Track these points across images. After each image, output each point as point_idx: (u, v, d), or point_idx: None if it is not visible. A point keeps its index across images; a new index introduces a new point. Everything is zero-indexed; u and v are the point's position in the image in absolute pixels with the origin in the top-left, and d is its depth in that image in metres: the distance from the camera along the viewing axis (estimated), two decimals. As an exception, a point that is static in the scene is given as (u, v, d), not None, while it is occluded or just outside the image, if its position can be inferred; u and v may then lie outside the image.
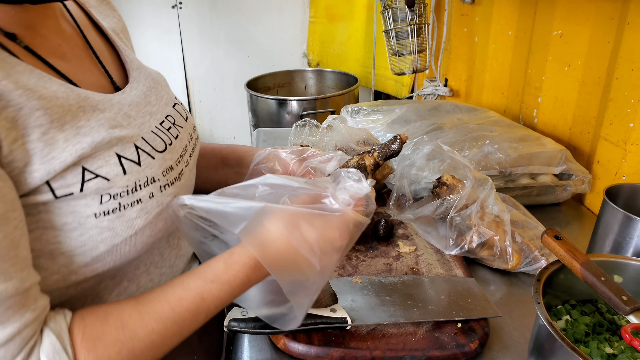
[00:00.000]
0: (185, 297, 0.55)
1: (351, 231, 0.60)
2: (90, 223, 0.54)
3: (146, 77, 0.71)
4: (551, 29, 1.26)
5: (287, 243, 0.56)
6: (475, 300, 0.77)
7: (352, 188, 0.61)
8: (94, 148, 0.54)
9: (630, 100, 1.01)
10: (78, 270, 0.55)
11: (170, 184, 0.63)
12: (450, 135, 1.20)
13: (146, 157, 0.60)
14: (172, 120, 0.70)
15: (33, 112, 0.50)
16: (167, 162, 0.63)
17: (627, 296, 0.59)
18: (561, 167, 1.12)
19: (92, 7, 0.74)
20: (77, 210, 0.53)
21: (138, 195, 0.57)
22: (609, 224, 0.83)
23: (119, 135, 0.57)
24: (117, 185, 0.55)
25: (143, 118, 0.64)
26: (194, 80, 2.87)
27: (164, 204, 0.61)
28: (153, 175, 0.60)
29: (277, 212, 0.57)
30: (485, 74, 1.64)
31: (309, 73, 2.55)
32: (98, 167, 0.54)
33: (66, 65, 0.60)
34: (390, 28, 1.74)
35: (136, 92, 0.67)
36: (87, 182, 0.53)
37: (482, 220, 0.88)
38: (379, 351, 0.67)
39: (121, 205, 0.56)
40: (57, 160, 0.51)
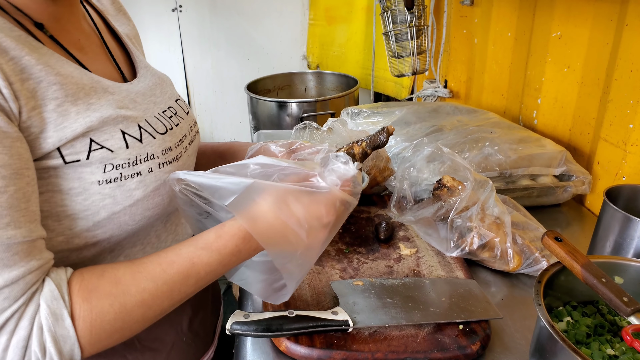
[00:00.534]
0: (177, 260, 0.58)
1: (338, 209, 0.63)
2: (93, 189, 0.59)
3: (153, 74, 0.79)
4: (550, 30, 1.27)
5: (276, 217, 0.60)
6: (477, 302, 0.77)
7: (340, 169, 0.64)
8: (102, 122, 0.60)
9: (629, 101, 1.01)
10: (81, 233, 0.61)
11: (169, 162, 0.68)
12: (451, 137, 1.20)
13: (148, 136, 0.65)
14: (174, 111, 0.76)
15: (50, 86, 0.56)
16: (167, 143, 0.69)
17: (628, 297, 0.59)
18: (561, 168, 1.12)
19: (110, 15, 0.84)
20: (82, 177, 0.58)
21: (138, 168, 0.63)
22: (609, 225, 0.84)
23: (125, 114, 0.63)
24: (119, 157, 0.61)
25: (147, 105, 0.70)
26: (194, 83, 2.87)
27: (161, 179, 0.66)
28: (153, 152, 0.65)
29: (267, 188, 0.61)
30: (484, 76, 1.65)
31: (309, 75, 2.55)
32: (104, 140, 0.60)
33: (84, 56, 0.68)
34: (389, 30, 1.74)
35: (143, 84, 0.73)
36: (93, 152, 0.58)
37: (483, 222, 0.88)
38: (381, 353, 0.67)
39: (122, 176, 0.61)
40: (69, 129, 0.57)
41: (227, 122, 3.02)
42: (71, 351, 0.53)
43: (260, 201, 0.60)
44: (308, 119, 1.83)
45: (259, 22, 2.79)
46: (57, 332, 0.52)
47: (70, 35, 0.68)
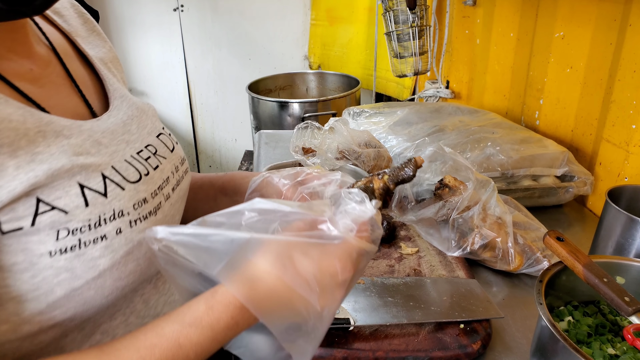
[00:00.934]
0: (158, 344, 0.45)
1: (355, 261, 0.51)
2: (44, 263, 0.47)
3: (130, 105, 0.66)
4: (553, 30, 1.27)
5: (278, 279, 0.47)
6: (478, 301, 0.77)
7: (354, 211, 0.52)
8: (51, 176, 0.48)
9: (632, 101, 1.01)
10: (31, 318, 0.48)
11: (143, 218, 0.56)
12: (452, 137, 1.20)
13: (114, 188, 0.53)
14: (153, 150, 0.64)
15: None
16: (140, 193, 0.56)
17: (629, 297, 0.59)
18: (563, 169, 1.12)
19: (80, 37, 0.69)
20: (28, 248, 0.46)
21: (102, 231, 0.51)
22: (611, 225, 0.83)
23: (84, 162, 0.51)
24: (76, 218, 0.49)
25: (117, 146, 0.58)
26: (195, 83, 2.87)
27: (134, 241, 0.54)
28: (121, 208, 0.53)
29: (266, 243, 0.49)
30: (486, 76, 1.64)
31: (311, 75, 2.55)
32: (55, 198, 0.48)
33: (37, 90, 0.56)
34: (391, 30, 1.74)
35: (114, 119, 0.61)
36: (41, 215, 0.47)
37: (484, 222, 0.88)
38: (382, 352, 0.67)
39: (81, 242, 0.49)
40: (4, 189, 0.45)
41: (228, 122, 3.02)
42: None
43: (257, 261, 0.48)
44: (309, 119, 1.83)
45: (261, 22, 2.80)
46: None
47: (17, 64, 0.56)
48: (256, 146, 1.61)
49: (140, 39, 2.73)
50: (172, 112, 2.94)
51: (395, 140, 1.26)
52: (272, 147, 1.55)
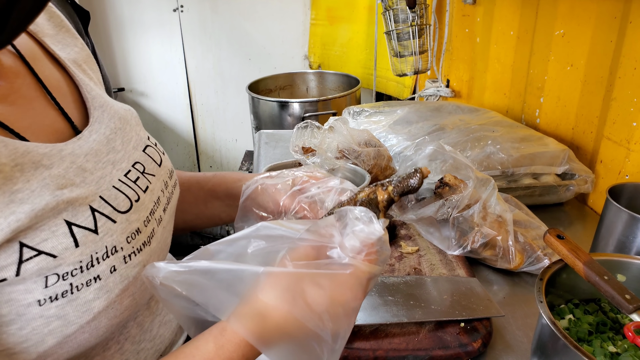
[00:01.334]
0: None
1: (365, 287, 0.49)
2: (32, 313, 0.43)
3: (111, 116, 0.59)
4: (553, 28, 1.26)
5: (288, 315, 0.45)
6: (478, 300, 0.77)
7: (363, 233, 0.50)
8: (35, 218, 0.43)
9: (633, 99, 1.01)
10: None
11: (138, 251, 0.52)
12: (452, 135, 1.20)
13: (105, 222, 0.49)
14: (142, 168, 0.59)
15: None
16: (133, 224, 0.52)
17: (630, 295, 0.59)
18: (564, 167, 1.12)
19: (48, 36, 0.60)
20: (14, 299, 0.42)
21: (95, 272, 0.46)
22: (612, 223, 0.83)
23: (69, 197, 0.46)
24: (66, 262, 0.44)
25: (103, 170, 0.53)
26: (195, 84, 2.87)
27: (129, 277, 0.50)
28: (114, 243, 0.49)
29: (274, 275, 0.46)
30: (487, 75, 1.64)
31: (311, 75, 2.55)
32: (41, 241, 0.43)
33: (8, 108, 0.49)
34: (391, 29, 1.74)
35: (97, 136, 0.55)
36: (26, 263, 0.42)
37: (485, 220, 0.88)
38: (382, 351, 0.67)
39: (73, 287, 0.45)
40: None
41: (228, 122, 3.02)
42: None
43: (265, 294, 0.45)
44: (310, 119, 1.83)
45: (261, 22, 2.80)
46: None
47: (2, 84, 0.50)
48: (256, 146, 1.61)
49: (140, 39, 2.73)
50: (173, 112, 2.94)
51: (395, 139, 1.26)
52: (272, 146, 1.55)
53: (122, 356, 0.56)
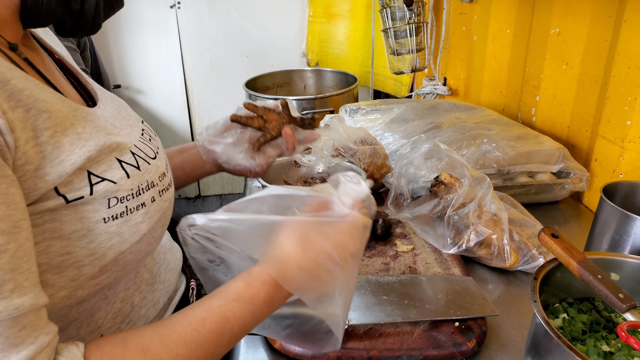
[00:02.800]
0: (208, 317, 0.51)
1: (362, 234, 0.60)
2: (99, 229, 0.52)
3: (110, 96, 0.70)
4: (549, 27, 1.26)
5: (305, 257, 0.55)
6: (473, 299, 0.77)
7: (354, 191, 0.61)
8: (99, 151, 0.53)
9: (627, 98, 1.01)
10: (85, 283, 0.53)
11: (166, 189, 0.62)
12: (449, 134, 1.20)
13: (143, 163, 0.59)
14: (149, 134, 0.70)
15: (40, 114, 0.48)
16: (160, 168, 0.63)
17: (623, 294, 0.59)
18: (559, 165, 1.12)
19: (42, 36, 0.71)
20: (85, 216, 0.51)
21: (142, 199, 0.57)
22: (606, 221, 0.83)
23: (116, 141, 0.57)
24: (123, 188, 0.54)
25: (127, 129, 0.63)
26: (192, 81, 2.86)
27: (163, 208, 0.61)
28: (152, 179, 0.60)
29: (289, 225, 0.57)
30: (483, 73, 1.64)
31: (308, 73, 2.55)
32: (103, 171, 0.53)
33: (52, 79, 0.59)
34: (388, 27, 1.74)
35: (109, 108, 0.65)
36: (96, 185, 0.52)
37: (480, 218, 0.88)
38: (376, 351, 0.67)
39: (128, 209, 0.55)
40: (68, 162, 0.49)
41: (226, 119, 3.01)
42: None
43: (284, 241, 0.56)
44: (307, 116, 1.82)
45: (258, 19, 2.79)
46: None
47: (37, 56, 0.60)
48: (253, 144, 1.61)
49: (137, 36, 2.72)
50: (170, 109, 2.93)
51: (391, 137, 1.26)
52: (269, 144, 1.54)
53: (140, 294, 0.67)
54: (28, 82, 0.49)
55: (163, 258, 0.73)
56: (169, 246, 0.78)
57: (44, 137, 0.48)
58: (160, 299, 0.71)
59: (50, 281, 0.50)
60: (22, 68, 0.51)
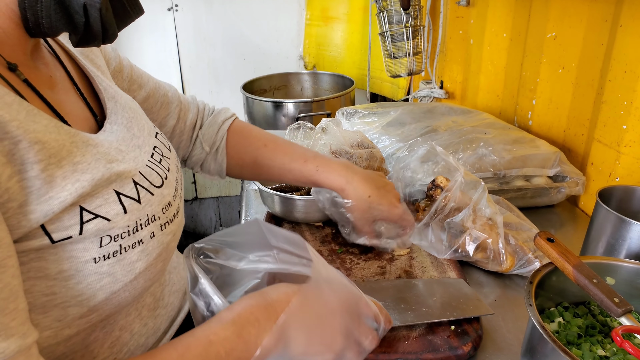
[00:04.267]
0: (193, 342, 0.50)
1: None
2: (89, 269, 0.49)
3: (123, 107, 0.65)
4: (545, 31, 1.27)
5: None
6: (467, 300, 0.77)
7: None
8: (94, 186, 0.49)
9: (623, 102, 1.01)
10: (72, 323, 0.50)
11: (170, 221, 0.59)
12: (445, 137, 1.20)
13: (145, 194, 0.56)
14: (160, 152, 0.66)
15: (32, 146, 0.45)
16: (166, 197, 0.60)
17: (619, 298, 0.59)
18: (555, 169, 1.12)
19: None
20: (74, 256, 0.48)
21: (139, 236, 0.53)
22: (602, 226, 0.83)
23: (118, 170, 0.53)
24: (117, 225, 0.51)
25: (134, 152, 0.60)
26: (190, 83, 2.86)
27: (164, 243, 0.58)
28: (153, 213, 0.56)
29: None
30: (480, 76, 1.65)
31: (305, 75, 2.55)
32: (97, 207, 0.50)
33: (55, 97, 0.57)
34: (385, 30, 1.74)
35: (118, 126, 0.61)
36: (87, 224, 0.48)
37: (475, 223, 0.88)
38: (372, 354, 0.67)
39: (122, 248, 0.51)
40: (56, 200, 0.46)
41: (223, 122, 3.01)
42: None
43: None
44: (304, 120, 1.82)
45: (256, 22, 2.79)
46: None
47: (41, 73, 0.57)
48: (250, 147, 1.60)
49: (134, 38, 2.72)
50: (167, 112, 2.93)
51: (388, 141, 1.26)
52: (266, 147, 1.54)
53: (142, 320, 0.64)
54: (20, 111, 0.46)
55: (168, 279, 0.70)
56: (175, 264, 0.75)
57: (34, 172, 0.45)
58: (162, 325, 0.68)
59: (34, 321, 0.47)
60: (18, 92, 0.49)
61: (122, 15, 0.57)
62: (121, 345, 0.60)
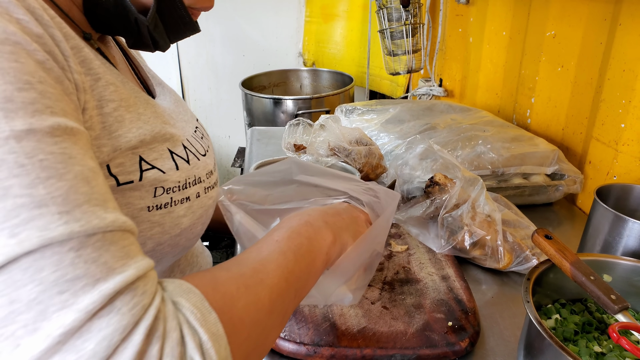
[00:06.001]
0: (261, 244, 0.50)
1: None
2: (143, 216, 0.52)
3: (169, 92, 0.72)
4: (544, 29, 1.27)
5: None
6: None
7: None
8: (153, 137, 0.53)
9: (621, 100, 1.01)
10: None
11: (211, 187, 0.63)
12: (444, 135, 1.20)
13: (193, 157, 0.60)
14: (201, 132, 0.71)
15: (108, 85, 0.49)
16: (209, 165, 0.64)
17: (615, 295, 0.59)
18: (553, 167, 1.12)
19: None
20: (131, 202, 0.51)
21: (187, 193, 0.57)
22: (599, 223, 0.84)
23: (170, 131, 0.57)
24: (171, 179, 0.54)
25: (182, 123, 0.65)
26: (189, 79, 2.86)
27: (206, 205, 0.61)
28: (199, 175, 0.60)
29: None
30: (479, 74, 1.65)
31: (304, 72, 2.55)
32: (154, 159, 0.53)
33: (120, 70, 0.61)
34: (385, 28, 1.74)
35: (167, 102, 0.66)
36: (146, 172, 0.52)
37: (474, 220, 0.88)
38: (370, 349, 0.67)
39: (172, 201, 0.55)
40: (124, 139, 0.49)
41: (221, 118, 3.01)
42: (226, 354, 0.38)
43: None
44: (303, 116, 1.83)
45: (255, 18, 2.79)
46: (209, 330, 0.37)
47: (108, 51, 0.63)
48: (248, 143, 1.61)
49: (133, 34, 2.72)
50: (165, 108, 2.93)
51: (387, 138, 1.26)
52: (265, 143, 1.55)
53: None
54: (96, 58, 0.50)
55: (195, 261, 0.73)
56: (201, 249, 0.77)
57: (108, 109, 0.48)
58: None
59: None
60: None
61: (174, 30, 0.61)
62: None
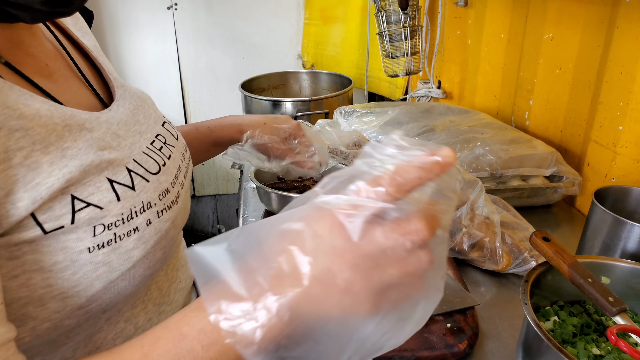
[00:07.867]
0: (162, 335, 0.41)
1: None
2: (83, 259, 0.48)
3: (132, 95, 0.67)
4: (542, 32, 1.27)
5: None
6: (453, 292, 0.78)
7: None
8: (84, 171, 0.49)
9: (619, 103, 1.02)
10: (72, 314, 0.49)
11: (168, 208, 0.58)
12: (442, 137, 1.20)
13: (140, 181, 0.55)
14: (163, 139, 0.66)
15: (12, 134, 0.44)
16: (163, 184, 0.59)
17: (613, 297, 0.60)
18: (552, 169, 1.13)
19: (70, 25, 0.69)
20: (68, 246, 0.47)
21: (134, 224, 0.52)
22: (597, 225, 0.84)
23: (109, 158, 0.52)
24: (111, 213, 0.50)
25: (133, 138, 0.59)
26: (188, 82, 2.86)
27: (162, 230, 0.56)
28: (149, 199, 0.55)
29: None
30: (478, 77, 1.65)
31: (304, 74, 2.55)
32: (89, 195, 0.49)
33: (53, 85, 0.56)
34: (383, 30, 1.74)
35: (123, 109, 0.62)
36: (78, 212, 0.47)
37: (472, 221, 0.89)
38: (369, 352, 0.68)
39: (117, 236, 0.50)
40: (43, 186, 0.45)
41: (221, 120, 3.01)
42: None
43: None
44: (302, 118, 1.83)
45: (255, 20, 2.79)
46: None
47: (35, 60, 0.56)
48: (248, 145, 1.61)
49: (133, 37, 2.72)
50: (165, 110, 2.93)
51: (386, 140, 1.26)
52: (264, 146, 1.54)
53: (147, 315, 0.62)
54: (4, 95, 0.45)
55: (175, 275, 0.69)
56: (183, 261, 0.73)
57: (17, 159, 0.44)
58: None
59: (32, 314, 0.46)
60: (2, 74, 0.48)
61: None
62: (124, 338, 0.59)
